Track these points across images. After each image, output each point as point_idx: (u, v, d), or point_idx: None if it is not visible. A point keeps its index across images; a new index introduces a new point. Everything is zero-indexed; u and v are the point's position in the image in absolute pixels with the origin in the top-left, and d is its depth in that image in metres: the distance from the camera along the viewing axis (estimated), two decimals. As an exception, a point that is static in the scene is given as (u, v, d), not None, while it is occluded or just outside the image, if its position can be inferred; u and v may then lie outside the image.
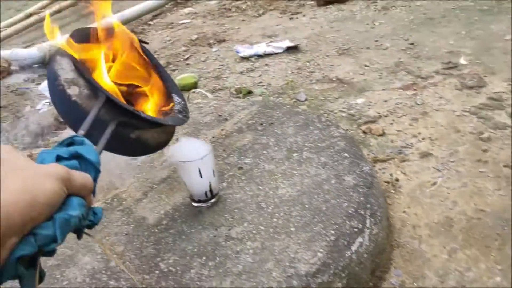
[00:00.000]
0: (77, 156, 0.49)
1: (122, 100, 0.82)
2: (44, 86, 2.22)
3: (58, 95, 0.78)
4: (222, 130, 1.33)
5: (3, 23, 4.39)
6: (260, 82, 2.09)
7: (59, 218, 0.40)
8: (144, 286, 0.84)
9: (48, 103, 2.17)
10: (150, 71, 0.97)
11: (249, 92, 1.98)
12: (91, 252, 0.95)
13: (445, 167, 1.27)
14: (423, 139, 1.42)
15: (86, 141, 0.53)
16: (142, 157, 1.27)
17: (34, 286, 0.39)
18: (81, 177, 0.44)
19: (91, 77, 0.78)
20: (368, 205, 0.96)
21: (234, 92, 2.00)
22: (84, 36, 0.86)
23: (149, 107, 0.93)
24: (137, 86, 0.95)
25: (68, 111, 0.79)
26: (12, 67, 2.92)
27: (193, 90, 2.04)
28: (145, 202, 1.08)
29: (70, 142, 0.52)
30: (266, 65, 2.28)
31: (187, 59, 2.65)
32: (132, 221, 1.02)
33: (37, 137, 1.74)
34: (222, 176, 1.11)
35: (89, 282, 0.88)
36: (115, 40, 0.89)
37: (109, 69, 0.87)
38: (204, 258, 0.88)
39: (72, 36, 0.84)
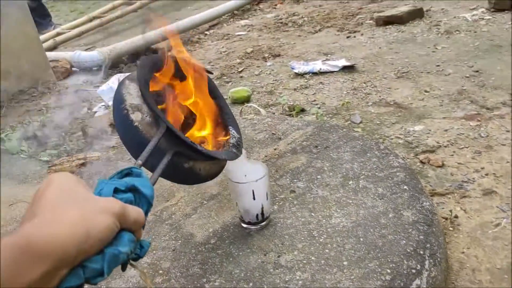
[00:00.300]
0: (133, 189, 0.50)
1: (180, 129, 0.83)
2: (102, 89, 2.28)
3: (121, 119, 0.79)
4: (275, 149, 1.31)
5: (66, 25, 4.59)
6: (314, 101, 2.05)
7: (109, 254, 0.41)
8: (188, 307, 0.83)
9: (104, 107, 2.23)
10: (211, 101, 0.98)
11: (302, 110, 1.95)
12: (138, 265, 0.95)
13: (511, 208, 1.19)
14: (486, 174, 1.33)
15: (143, 174, 0.55)
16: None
17: None
18: (135, 213, 0.45)
19: (155, 105, 0.79)
20: (428, 245, 0.90)
21: (287, 109, 1.97)
22: (152, 63, 0.88)
23: (205, 135, 0.94)
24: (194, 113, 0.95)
25: (128, 135, 0.80)
26: (73, 68, 3.03)
27: (246, 104, 2.03)
28: (194, 218, 1.07)
29: (128, 173, 0.54)
30: (321, 83, 2.24)
31: (241, 71, 2.65)
32: (180, 237, 1.01)
33: (92, 140, 1.78)
34: (274, 199, 1.08)
35: (134, 296, 0.87)
36: (183, 68, 0.91)
37: (174, 98, 0.88)
38: (251, 284, 0.85)
39: (141, 63, 0.85)
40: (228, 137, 0.98)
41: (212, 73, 1.05)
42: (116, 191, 0.48)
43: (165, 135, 0.75)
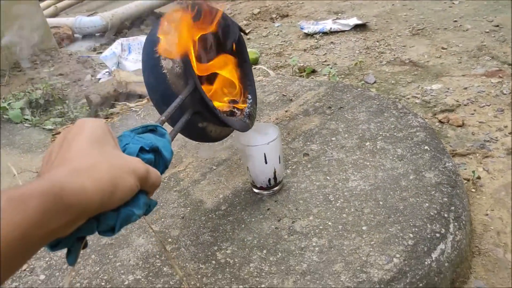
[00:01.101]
0: (155, 150, 0.50)
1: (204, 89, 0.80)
2: (105, 55, 2.21)
3: (151, 62, 0.77)
4: (286, 111, 1.24)
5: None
6: (325, 61, 1.97)
7: (124, 213, 0.41)
8: (199, 276, 0.78)
9: (108, 73, 2.17)
10: (236, 62, 0.94)
11: (313, 71, 1.87)
12: (146, 234, 0.91)
13: (537, 167, 1.12)
14: (510, 133, 1.26)
15: (167, 135, 0.54)
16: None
17: (78, 256, 0.41)
18: (155, 177, 0.45)
19: (189, 58, 0.75)
20: (452, 207, 0.85)
21: (297, 71, 1.89)
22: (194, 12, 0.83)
23: (224, 99, 0.91)
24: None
25: (153, 80, 0.78)
26: (75, 35, 2.95)
27: (254, 66, 1.95)
28: (203, 184, 1.02)
29: (152, 129, 0.54)
30: (332, 43, 2.15)
31: (248, 33, 2.56)
32: (189, 204, 0.97)
33: (96, 107, 1.72)
34: (286, 163, 1.02)
35: (142, 265, 0.83)
36: (218, 25, 0.87)
37: (204, 54, 0.84)
38: (264, 251, 0.81)
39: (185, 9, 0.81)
40: (244, 105, 0.93)
41: (246, 33, 1.00)
42: (140, 150, 0.48)
43: (191, 94, 0.73)
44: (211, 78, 0.90)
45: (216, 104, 0.86)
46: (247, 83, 0.95)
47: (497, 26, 1.93)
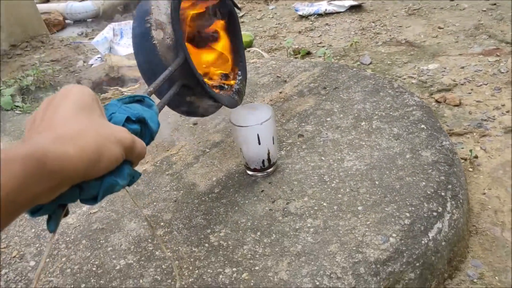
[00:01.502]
0: (142, 121, 0.49)
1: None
2: (97, 40, 2.17)
3: (141, 31, 0.74)
4: (280, 93, 1.22)
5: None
6: (320, 43, 1.94)
7: (107, 183, 0.40)
8: (191, 259, 0.77)
9: (100, 58, 2.13)
10: (228, 37, 0.92)
11: (308, 53, 1.84)
12: (137, 218, 0.89)
13: (535, 145, 1.11)
14: (507, 112, 1.24)
15: (155, 106, 0.53)
16: (195, 119, 1.19)
17: (58, 223, 0.40)
18: (140, 147, 0.44)
19: (180, 31, 0.73)
20: (449, 186, 0.83)
21: (292, 53, 1.86)
22: None
23: (213, 73, 0.88)
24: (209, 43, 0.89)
25: (142, 51, 0.75)
26: (66, 21, 2.90)
27: (249, 49, 1.92)
28: (196, 167, 1.00)
29: (139, 100, 0.52)
30: (327, 24, 2.12)
31: (242, 16, 2.52)
32: (182, 187, 0.95)
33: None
34: (281, 144, 1.00)
35: (133, 250, 0.81)
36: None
37: (197, 28, 0.82)
38: (258, 233, 0.79)
39: None
40: (234, 81, 0.91)
41: (240, 9, 0.97)
42: (127, 120, 0.47)
43: (181, 66, 0.71)
44: (201, 51, 0.88)
45: (206, 78, 0.84)
46: (238, 59, 0.93)
47: (494, 4, 1.91)
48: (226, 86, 0.90)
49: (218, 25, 0.90)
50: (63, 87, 0.43)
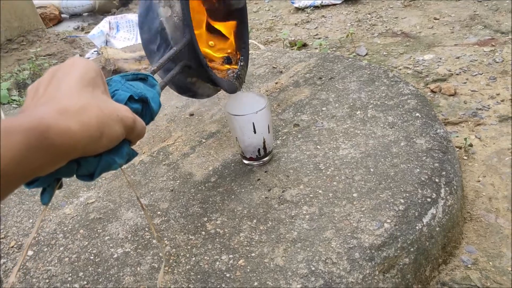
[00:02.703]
0: (144, 100, 0.48)
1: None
2: (93, 34, 2.17)
3: (147, 7, 0.73)
4: (276, 83, 1.22)
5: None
6: (316, 35, 1.94)
7: (105, 160, 0.40)
8: (188, 247, 0.78)
9: (96, 52, 2.13)
10: (235, 23, 0.92)
11: (304, 45, 1.84)
12: (134, 207, 0.90)
13: (529, 133, 1.12)
14: (502, 101, 1.25)
15: (158, 86, 0.53)
16: (191, 110, 1.20)
17: (52, 195, 0.40)
18: (140, 127, 0.44)
19: (188, 10, 0.72)
20: (443, 172, 0.84)
21: (288, 45, 1.86)
22: None
23: (216, 56, 0.88)
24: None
25: (148, 26, 0.74)
26: (62, 15, 2.89)
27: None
28: (192, 157, 1.01)
29: (144, 78, 0.52)
30: (323, 16, 2.12)
31: None
32: (178, 177, 0.95)
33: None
34: (276, 133, 1.01)
35: (131, 239, 0.82)
36: None
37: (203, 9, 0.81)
38: (254, 221, 0.80)
39: None
40: (235, 66, 0.91)
41: None
42: (129, 98, 0.47)
43: (186, 47, 0.70)
44: (207, 30, 0.88)
45: (207, 60, 0.84)
46: (242, 45, 0.93)
47: (490, -5, 1.91)
48: (228, 70, 0.90)
49: (227, 7, 0.89)
50: (68, 59, 0.42)
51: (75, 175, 0.40)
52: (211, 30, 0.90)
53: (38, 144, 0.32)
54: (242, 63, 0.91)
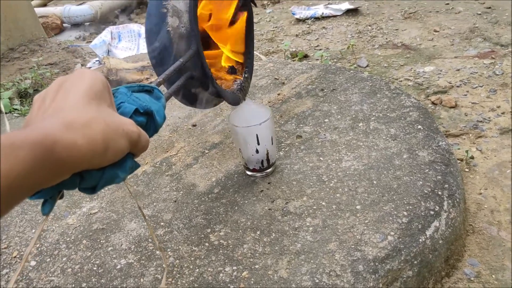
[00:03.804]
0: (149, 113, 0.48)
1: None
2: (94, 43, 2.18)
3: (156, 17, 0.73)
4: (278, 94, 1.23)
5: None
6: (317, 46, 1.95)
7: (108, 174, 0.40)
8: (192, 258, 0.78)
9: (98, 62, 2.14)
10: (242, 35, 0.92)
11: (305, 56, 1.85)
12: (138, 218, 0.90)
13: (530, 146, 1.12)
14: (502, 113, 1.26)
15: (163, 99, 0.53)
16: (194, 120, 1.20)
17: (53, 206, 0.40)
18: (145, 141, 0.44)
19: (196, 22, 0.73)
20: (446, 185, 0.84)
21: (289, 56, 1.87)
22: None
23: (220, 67, 0.88)
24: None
25: (155, 35, 0.74)
26: (64, 24, 2.91)
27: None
28: (195, 168, 1.01)
29: (149, 90, 0.52)
30: (324, 28, 2.13)
31: (257, 6, 2.53)
32: (181, 188, 0.96)
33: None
34: (279, 145, 1.01)
35: (134, 250, 0.82)
36: None
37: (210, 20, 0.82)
38: (258, 232, 0.80)
39: None
40: (239, 77, 0.91)
41: (256, 5, 0.97)
42: (135, 111, 0.46)
43: (192, 58, 0.71)
44: (212, 41, 0.88)
45: (213, 69, 0.85)
46: (247, 55, 0.93)
47: (489, 8, 1.93)
48: (232, 82, 0.90)
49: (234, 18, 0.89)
50: (76, 70, 0.42)
51: (77, 188, 0.40)
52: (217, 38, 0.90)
53: (44, 159, 0.32)
54: (246, 75, 0.91)
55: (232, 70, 0.90)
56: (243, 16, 0.90)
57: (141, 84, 0.51)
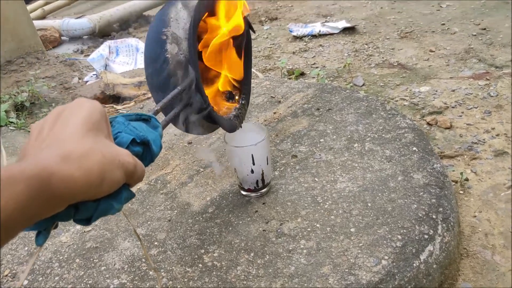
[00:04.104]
0: (145, 143, 0.48)
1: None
2: (92, 57, 2.18)
3: (156, 42, 0.73)
4: (274, 113, 1.23)
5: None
6: (314, 64, 1.96)
7: (103, 206, 0.40)
8: (185, 279, 0.77)
9: (95, 76, 2.14)
10: (240, 61, 0.92)
11: (302, 74, 1.87)
12: (131, 237, 0.89)
13: (524, 169, 1.13)
14: (497, 135, 1.27)
15: (160, 128, 0.53)
16: (189, 138, 1.20)
17: (47, 238, 0.40)
18: (140, 171, 0.44)
19: (195, 50, 0.73)
20: (441, 209, 0.84)
21: (286, 73, 1.89)
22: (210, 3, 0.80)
23: (217, 95, 0.88)
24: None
25: (154, 61, 0.74)
26: (62, 37, 2.92)
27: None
28: (190, 186, 1.01)
29: (147, 119, 0.52)
30: (321, 45, 2.15)
31: (255, 32, 2.55)
32: (176, 207, 0.95)
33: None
34: (275, 164, 1.01)
35: (127, 269, 0.81)
36: (231, 20, 0.83)
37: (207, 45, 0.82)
38: (252, 254, 0.79)
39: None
40: (236, 104, 0.91)
41: (254, 32, 0.97)
42: (131, 141, 0.46)
43: (189, 86, 0.71)
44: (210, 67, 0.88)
45: (210, 94, 0.85)
46: (244, 81, 0.93)
47: (484, 29, 1.95)
48: (227, 108, 0.90)
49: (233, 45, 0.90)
50: (75, 99, 0.43)
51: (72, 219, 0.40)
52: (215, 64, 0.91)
53: (40, 193, 0.32)
54: (243, 101, 0.92)
55: (229, 96, 0.90)
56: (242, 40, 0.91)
57: (139, 113, 0.52)
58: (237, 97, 0.92)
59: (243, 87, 0.93)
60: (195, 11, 0.73)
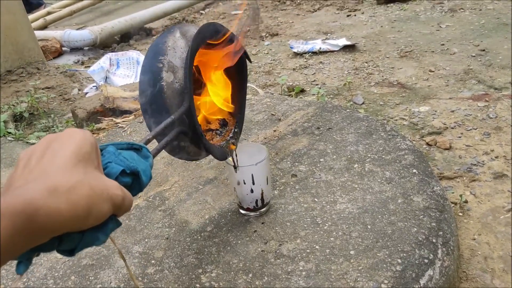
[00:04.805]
0: (135, 174, 0.48)
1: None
2: (93, 69, 2.19)
3: (151, 70, 0.73)
4: (274, 131, 1.23)
5: (56, 4, 4.45)
6: (314, 81, 1.97)
7: (89, 237, 0.40)
8: (182, 300, 0.76)
9: (95, 87, 2.14)
10: (234, 90, 0.92)
11: (302, 91, 1.87)
12: (128, 255, 0.88)
13: (523, 192, 1.13)
14: (496, 157, 1.27)
15: (151, 158, 0.53)
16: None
17: (28, 267, 0.39)
18: (128, 203, 0.43)
19: (191, 79, 0.73)
20: (440, 232, 0.84)
21: (286, 90, 1.89)
22: (210, 34, 0.80)
23: (210, 123, 0.89)
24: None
25: (148, 89, 0.74)
26: (63, 48, 2.93)
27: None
28: (189, 203, 1.00)
29: (138, 148, 0.52)
30: (321, 63, 2.16)
31: (252, 62, 2.57)
32: (174, 224, 0.95)
33: (82, 121, 1.70)
34: (274, 183, 1.01)
35: (124, 288, 0.80)
36: (227, 50, 0.83)
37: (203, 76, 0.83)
38: (250, 275, 0.79)
39: (202, 29, 0.77)
40: (228, 133, 0.91)
41: (251, 62, 0.97)
42: (121, 172, 0.46)
43: (183, 115, 0.71)
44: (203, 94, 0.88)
45: (202, 121, 0.85)
46: (238, 110, 0.93)
47: (483, 50, 1.97)
48: (218, 136, 0.90)
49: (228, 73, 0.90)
50: (66, 129, 0.43)
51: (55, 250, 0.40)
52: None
53: (25, 227, 0.32)
54: (236, 129, 0.91)
55: (223, 123, 0.90)
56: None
57: (130, 142, 0.52)
58: (230, 126, 0.92)
59: (236, 115, 0.93)
60: (192, 41, 0.73)
